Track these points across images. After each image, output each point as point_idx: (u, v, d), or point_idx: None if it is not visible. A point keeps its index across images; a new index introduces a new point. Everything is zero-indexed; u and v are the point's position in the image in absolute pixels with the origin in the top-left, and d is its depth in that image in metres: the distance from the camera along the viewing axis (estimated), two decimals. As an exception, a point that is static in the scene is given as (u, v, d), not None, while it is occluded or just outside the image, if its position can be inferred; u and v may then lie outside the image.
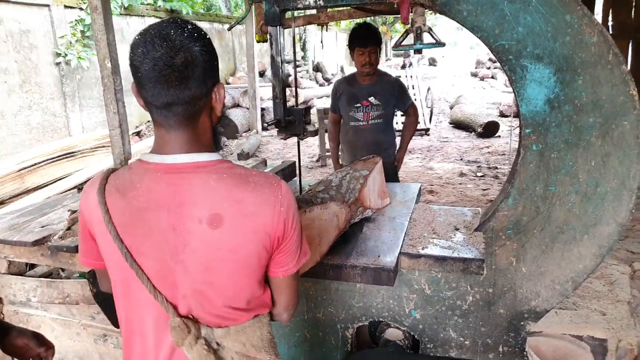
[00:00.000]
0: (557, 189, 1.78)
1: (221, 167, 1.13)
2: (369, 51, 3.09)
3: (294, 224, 1.17)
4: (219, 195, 1.09)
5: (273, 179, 1.16)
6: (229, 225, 1.09)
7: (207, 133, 1.17)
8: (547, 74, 1.68)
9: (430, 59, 27.40)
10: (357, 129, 3.25)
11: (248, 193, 1.11)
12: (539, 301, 1.92)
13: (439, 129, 10.49)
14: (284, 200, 1.14)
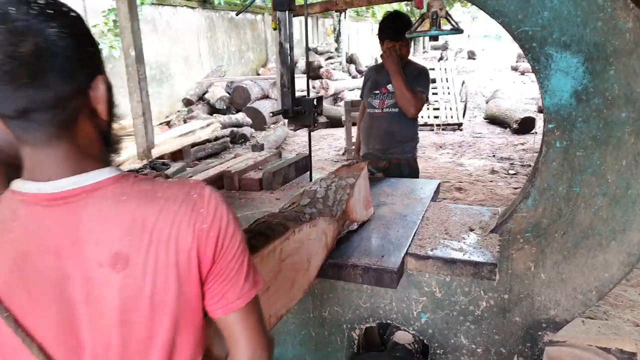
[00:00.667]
0: (582, 190, 1.63)
1: (118, 186, 0.86)
2: (399, 45, 2.95)
3: (228, 243, 0.90)
4: (118, 226, 0.83)
5: (193, 189, 0.89)
6: (137, 263, 0.83)
7: (94, 144, 0.87)
8: (575, 64, 1.53)
9: (469, 52, 26.81)
10: (372, 116, 3.12)
11: (156, 214, 0.84)
12: (558, 310, 1.77)
13: (472, 124, 10.19)
14: (208, 214, 0.87)
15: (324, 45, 15.95)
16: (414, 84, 2.98)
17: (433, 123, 9.64)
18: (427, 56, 17.69)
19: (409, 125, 3.04)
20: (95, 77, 0.84)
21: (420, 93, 2.99)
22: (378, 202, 2.30)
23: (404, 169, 3.07)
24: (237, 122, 9.19)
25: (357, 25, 19.83)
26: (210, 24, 11.21)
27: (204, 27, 11.00)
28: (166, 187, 0.88)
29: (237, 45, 12.44)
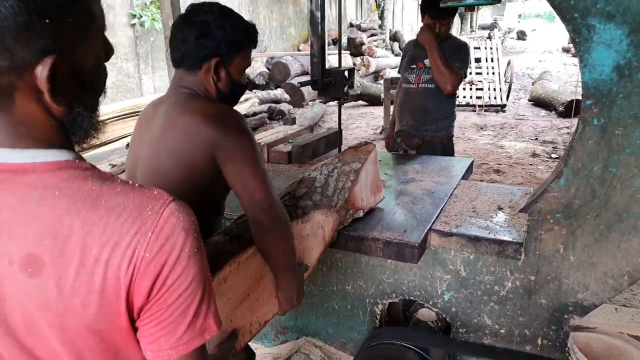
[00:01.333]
0: (619, 170, 1.55)
1: (57, 176, 0.67)
2: (440, 23, 2.84)
3: (172, 283, 0.69)
4: (39, 224, 0.65)
5: (151, 203, 0.68)
6: (52, 274, 0.65)
7: (41, 126, 0.68)
8: (619, 36, 1.45)
9: (519, 32, 25.88)
10: (407, 91, 3.04)
11: (89, 225, 0.65)
12: (587, 294, 1.71)
13: (516, 105, 9.87)
14: (156, 241, 0.67)
15: (368, 22, 15.69)
16: (451, 59, 2.89)
17: (475, 104, 9.39)
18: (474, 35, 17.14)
19: (445, 102, 2.95)
20: (44, 56, 0.64)
21: (458, 69, 2.89)
22: (406, 178, 2.27)
23: (437, 147, 3.00)
24: (275, 98, 9.20)
25: (403, 1, 19.39)
26: (252, -1, 11.20)
27: (246, 1, 10.98)
28: (118, 192, 0.68)
29: (278, 20, 12.39)
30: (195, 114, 1.38)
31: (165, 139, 1.42)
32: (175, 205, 0.70)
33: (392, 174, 2.34)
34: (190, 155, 1.39)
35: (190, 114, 1.39)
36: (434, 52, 2.82)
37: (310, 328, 2.27)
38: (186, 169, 1.41)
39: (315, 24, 1.91)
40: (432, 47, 2.83)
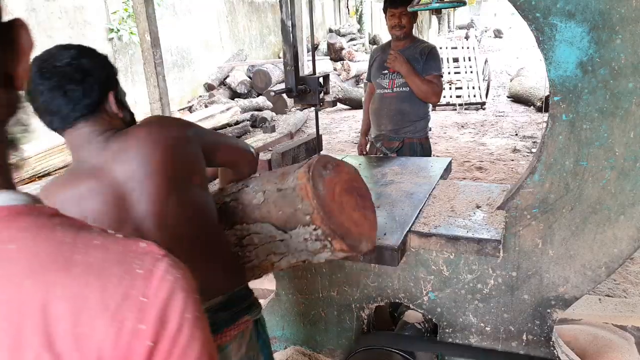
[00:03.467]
0: (589, 163, 1.58)
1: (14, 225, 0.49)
2: (399, 12, 2.87)
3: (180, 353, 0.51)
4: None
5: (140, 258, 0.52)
6: None
7: None
8: (580, 33, 1.48)
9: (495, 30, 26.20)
10: (382, 96, 3.06)
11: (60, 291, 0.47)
12: (567, 287, 1.74)
13: (495, 103, 9.98)
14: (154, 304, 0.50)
15: (347, 27, 15.79)
16: (426, 68, 2.92)
17: (455, 102, 9.48)
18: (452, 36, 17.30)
19: (420, 104, 2.98)
20: None
21: (437, 78, 2.94)
22: (385, 181, 2.28)
23: (416, 148, 3.02)
24: (257, 105, 9.21)
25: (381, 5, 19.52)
26: (230, 8, 11.20)
27: (224, 11, 10.99)
28: (97, 246, 0.51)
29: (258, 29, 12.41)
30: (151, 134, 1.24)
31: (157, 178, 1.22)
32: (170, 261, 0.54)
33: (371, 177, 2.36)
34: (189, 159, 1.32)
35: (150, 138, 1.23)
36: (413, 77, 2.87)
37: (298, 337, 2.28)
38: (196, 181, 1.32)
39: (287, 32, 1.92)
40: (409, 73, 2.87)
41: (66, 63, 1.17)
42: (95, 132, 1.23)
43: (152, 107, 4.36)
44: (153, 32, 4.27)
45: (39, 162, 4.85)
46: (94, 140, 1.23)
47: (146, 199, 1.20)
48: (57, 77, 1.16)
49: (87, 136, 1.23)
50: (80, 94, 1.18)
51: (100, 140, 1.23)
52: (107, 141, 1.23)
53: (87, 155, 1.22)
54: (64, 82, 1.17)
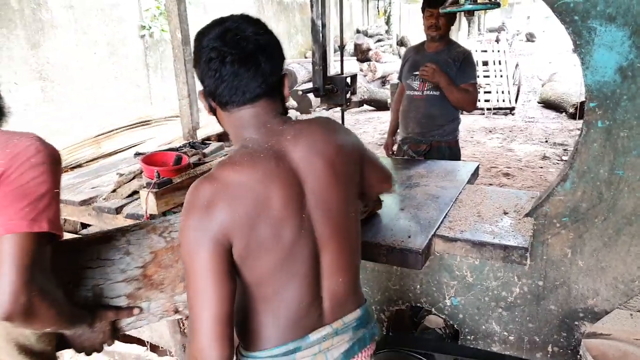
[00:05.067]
0: (625, 173, 1.53)
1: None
2: (437, 12, 2.79)
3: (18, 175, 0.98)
4: None
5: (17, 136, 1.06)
6: None
7: None
8: (620, 38, 1.43)
9: (527, 34, 25.76)
10: (411, 98, 3.02)
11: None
12: (597, 300, 1.69)
13: (526, 108, 9.79)
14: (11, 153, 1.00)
15: (374, 28, 15.71)
16: (461, 76, 2.88)
17: (484, 107, 9.34)
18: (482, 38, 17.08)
19: (449, 108, 2.93)
20: None
21: (472, 86, 2.91)
22: (411, 183, 2.25)
23: (444, 151, 2.98)
24: (283, 104, 9.22)
25: (409, 7, 19.36)
26: (259, 7, 11.26)
27: (253, 9, 11.05)
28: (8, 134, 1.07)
29: (285, 28, 12.44)
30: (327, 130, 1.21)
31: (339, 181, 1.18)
32: (36, 138, 1.06)
33: (397, 179, 2.33)
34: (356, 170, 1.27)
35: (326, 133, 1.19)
36: (451, 89, 2.85)
37: (318, 336, 2.26)
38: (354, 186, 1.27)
39: (317, 32, 1.91)
40: (447, 84, 2.83)
41: (255, 34, 1.10)
42: (272, 113, 1.15)
43: (181, 104, 4.40)
44: (184, 29, 4.31)
45: (70, 154, 4.94)
46: (271, 121, 1.15)
47: (318, 189, 1.13)
48: (251, 46, 1.08)
49: (264, 116, 1.14)
50: (269, 69, 1.11)
51: (276, 122, 1.15)
52: (284, 125, 1.16)
53: (261, 136, 1.13)
54: (257, 54, 1.08)
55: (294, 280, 1.11)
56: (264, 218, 1.04)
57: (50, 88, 6.61)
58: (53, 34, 6.56)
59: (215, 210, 1.01)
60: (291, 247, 1.09)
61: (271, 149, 1.11)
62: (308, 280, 1.13)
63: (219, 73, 1.07)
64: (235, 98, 1.10)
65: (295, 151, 1.12)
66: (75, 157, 5.00)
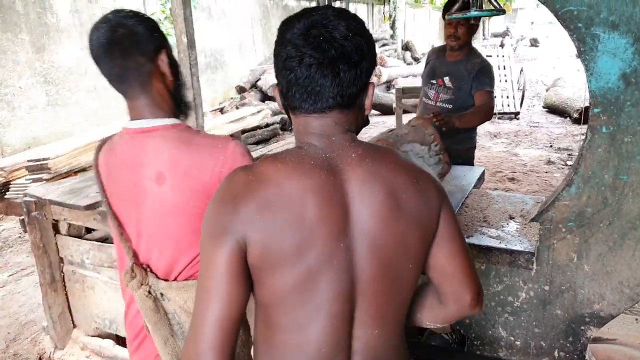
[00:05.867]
0: (630, 178, 1.54)
1: (171, 130, 1.26)
2: (456, 22, 2.77)
3: None
4: (162, 155, 1.22)
5: (221, 142, 1.25)
6: (170, 183, 1.22)
7: (165, 100, 1.29)
8: (624, 45, 1.45)
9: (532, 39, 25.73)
10: (426, 106, 3.02)
11: (187, 155, 1.22)
12: (603, 305, 1.69)
13: (530, 113, 9.80)
14: (227, 162, 1.21)
15: (379, 32, 15.74)
16: (476, 85, 2.84)
17: (488, 111, 9.33)
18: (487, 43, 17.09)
19: None
20: (160, 52, 1.27)
21: (487, 93, 2.85)
22: (417, 188, 2.27)
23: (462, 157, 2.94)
24: (288, 109, 9.25)
25: (414, 11, 19.42)
26: (264, 11, 11.32)
27: (258, 14, 11.11)
28: (202, 137, 1.27)
29: (291, 33, 12.49)
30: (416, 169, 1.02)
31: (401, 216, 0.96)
32: (235, 141, 1.28)
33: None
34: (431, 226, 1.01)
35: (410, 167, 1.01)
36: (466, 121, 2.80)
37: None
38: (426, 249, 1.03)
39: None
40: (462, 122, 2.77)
41: (343, 37, 0.93)
42: (343, 126, 1.00)
43: (186, 108, 4.46)
44: (189, 34, 4.34)
45: (75, 158, 4.97)
46: (339, 135, 1.00)
47: (370, 222, 0.94)
48: (334, 52, 0.92)
49: (333, 128, 0.99)
50: (350, 79, 0.95)
51: (344, 138, 1.00)
52: (352, 142, 1.00)
53: (322, 145, 0.98)
54: (339, 61, 0.93)
55: (315, 315, 0.94)
56: (291, 229, 0.90)
57: (55, 92, 6.65)
58: (58, 38, 6.61)
59: (241, 204, 0.91)
60: (316, 274, 0.92)
61: (327, 160, 0.96)
62: (335, 322, 0.95)
63: (293, 74, 0.94)
64: (305, 105, 0.97)
65: (355, 171, 0.96)
66: (80, 161, 5.04)
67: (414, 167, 1.01)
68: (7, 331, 3.11)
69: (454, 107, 2.90)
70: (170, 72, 1.29)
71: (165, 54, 1.27)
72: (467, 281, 1.04)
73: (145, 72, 1.24)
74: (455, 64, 2.92)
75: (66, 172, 4.81)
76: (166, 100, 1.29)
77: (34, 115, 6.32)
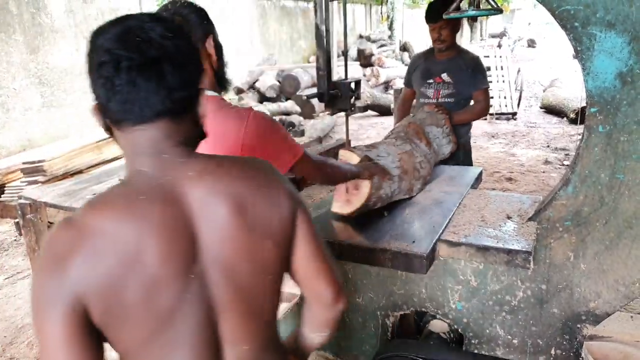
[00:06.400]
0: (626, 177, 1.55)
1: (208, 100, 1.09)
2: (438, 27, 2.89)
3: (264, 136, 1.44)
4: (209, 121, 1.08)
5: (243, 113, 1.44)
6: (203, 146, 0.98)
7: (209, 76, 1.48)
8: (620, 44, 1.45)
9: (529, 40, 25.84)
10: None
11: (216, 122, 1.30)
12: (599, 303, 1.70)
13: (527, 113, 9.82)
14: (249, 125, 1.42)
15: (377, 33, 15.76)
16: (473, 82, 2.98)
17: (486, 112, 9.35)
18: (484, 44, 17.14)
19: None
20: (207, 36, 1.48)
21: (485, 92, 3.02)
22: (415, 188, 2.27)
23: (459, 154, 3.03)
24: (285, 110, 9.27)
25: (412, 12, 19.44)
26: (262, 12, 11.33)
27: (255, 15, 11.13)
28: (230, 108, 1.47)
29: (288, 34, 12.52)
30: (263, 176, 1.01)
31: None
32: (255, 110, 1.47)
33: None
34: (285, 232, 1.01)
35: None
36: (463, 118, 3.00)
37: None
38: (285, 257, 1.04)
39: (321, 37, 1.94)
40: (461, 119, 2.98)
41: (162, 36, 0.87)
42: (175, 138, 0.91)
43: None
44: (187, 35, 4.37)
45: (71, 160, 4.96)
46: (171, 150, 0.91)
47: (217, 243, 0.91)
48: (154, 51, 0.86)
49: (163, 142, 0.90)
50: (177, 82, 0.88)
51: (178, 153, 0.92)
52: (188, 157, 0.93)
53: (154, 170, 0.90)
54: (162, 62, 0.86)
55: (178, 352, 0.90)
56: (132, 278, 0.82)
57: (50, 93, 6.63)
58: (53, 39, 6.59)
59: (70, 265, 0.81)
60: (170, 314, 0.87)
61: (161, 188, 0.88)
62: (198, 351, 0.91)
63: (111, 82, 0.84)
64: (129, 115, 0.86)
65: (194, 193, 0.89)
66: (76, 163, 5.03)
67: (261, 175, 0.99)
68: (4, 335, 3.10)
69: (455, 101, 2.99)
70: (215, 54, 1.49)
71: (212, 39, 1.48)
72: (325, 280, 1.06)
73: None
74: (449, 60, 3.02)
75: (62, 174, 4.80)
76: (209, 77, 1.47)
77: (28, 117, 6.30)
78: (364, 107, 8.01)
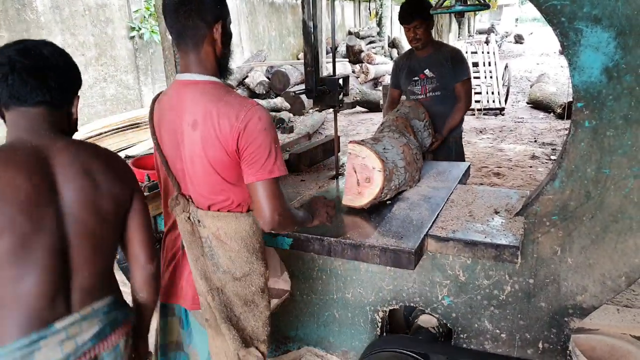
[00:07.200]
0: (611, 171, 1.56)
1: (209, 86, 1.44)
2: (413, 27, 2.98)
3: (252, 141, 1.38)
4: (198, 106, 1.40)
5: (247, 103, 1.40)
6: (201, 129, 1.39)
7: (210, 61, 1.47)
8: (606, 39, 1.46)
9: (516, 36, 25.97)
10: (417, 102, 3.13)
11: (216, 108, 1.38)
12: (585, 296, 1.72)
13: (515, 109, 9.88)
14: (245, 119, 1.37)
15: (366, 29, 15.75)
16: (454, 75, 3.04)
17: (474, 107, 9.40)
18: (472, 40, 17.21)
19: (452, 105, 3.10)
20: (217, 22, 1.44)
21: (467, 82, 3.08)
22: (404, 184, 2.27)
23: (452, 148, 3.12)
24: (275, 106, 9.23)
25: (400, 8, 19.44)
26: (250, 9, 11.26)
27: (244, 11, 11.05)
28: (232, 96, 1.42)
29: (277, 30, 12.45)
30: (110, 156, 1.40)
31: None
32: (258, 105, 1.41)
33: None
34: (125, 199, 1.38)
35: None
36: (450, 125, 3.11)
37: (312, 337, 2.28)
38: None
39: (308, 33, 1.92)
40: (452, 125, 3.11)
41: (51, 54, 1.25)
42: (50, 123, 1.25)
43: (172, 106, 4.42)
44: (174, 31, 4.32)
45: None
46: (47, 129, 1.25)
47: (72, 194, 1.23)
48: (42, 62, 1.22)
49: (42, 123, 1.24)
50: (55, 85, 1.24)
51: (52, 131, 1.25)
52: (58, 136, 1.26)
53: (31, 138, 1.22)
54: (47, 70, 1.22)
55: (32, 271, 1.15)
56: (4, 204, 1.11)
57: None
58: (39, 35, 6.49)
59: None
60: (28, 238, 1.14)
61: (34, 149, 1.20)
62: (50, 272, 1.17)
63: (6, 77, 1.18)
64: (17, 101, 1.20)
65: (58, 158, 1.21)
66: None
67: (109, 155, 1.36)
68: None
69: (442, 94, 3.08)
70: (221, 41, 1.46)
71: (221, 25, 1.45)
72: (142, 245, 1.41)
73: (199, 35, 1.41)
74: (428, 57, 3.10)
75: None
76: (211, 62, 1.47)
77: (16, 114, 6.21)
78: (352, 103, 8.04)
